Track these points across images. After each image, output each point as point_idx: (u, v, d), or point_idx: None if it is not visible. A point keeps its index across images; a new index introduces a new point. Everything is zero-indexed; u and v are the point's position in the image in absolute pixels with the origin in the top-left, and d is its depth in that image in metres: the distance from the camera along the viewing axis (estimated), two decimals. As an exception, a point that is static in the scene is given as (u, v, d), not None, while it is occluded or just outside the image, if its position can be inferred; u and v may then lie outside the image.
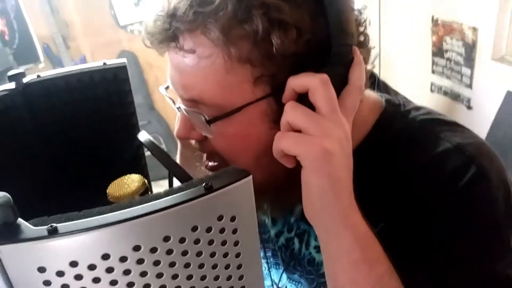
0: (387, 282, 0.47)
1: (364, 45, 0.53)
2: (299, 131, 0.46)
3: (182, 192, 0.31)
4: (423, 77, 2.73)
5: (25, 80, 0.63)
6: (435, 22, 2.51)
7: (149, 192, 0.51)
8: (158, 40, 0.49)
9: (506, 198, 0.51)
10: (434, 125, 0.56)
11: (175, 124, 0.75)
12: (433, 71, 2.64)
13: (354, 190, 0.48)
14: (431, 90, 2.70)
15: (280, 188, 0.55)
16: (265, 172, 0.52)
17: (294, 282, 0.68)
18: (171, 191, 0.32)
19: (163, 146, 2.91)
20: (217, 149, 0.54)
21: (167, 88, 0.59)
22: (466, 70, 2.40)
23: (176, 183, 0.56)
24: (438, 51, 2.56)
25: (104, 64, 0.69)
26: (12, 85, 0.62)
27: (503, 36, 2.17)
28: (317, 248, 0.63)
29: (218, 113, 0.49)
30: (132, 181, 0.50)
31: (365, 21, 0.53)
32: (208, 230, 0.32)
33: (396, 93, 0.64)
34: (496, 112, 2.19)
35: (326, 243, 0.48)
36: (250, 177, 0.33)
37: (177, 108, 0.55)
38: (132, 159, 0.72)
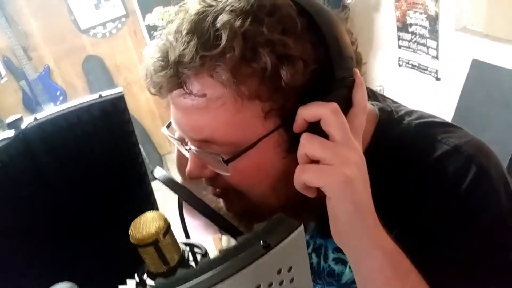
0: None
1: (359, 63, 0.54)
2: (316, 161, 0.46)
3: (242, 254, 0.32)
4: (390, 53, 2.78)
5: (23, 125, 0.61)
6: (397, -3, 2.55)
7: (171, 228, 0.50)
8: (166, 89, 0.49)
9: (506, 189, 0.54)
10: (429, 128, 0.57)
11: (175, 158, 0.74)
12: (399, 46, 2.70)
13: None
14: (399, 65, 2.76)
15: (293, 210, 0.56)
16: (280, 198, 0.54)
17: None
18: (229, 253, 0.32)
19: (142, 150, 2.86)
20: (231, 184, 0.54)
21: (168, 126, 0.58)
22: (431, 43, 2.46)
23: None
24: (403, 26, 2.60)
25: (100, 96, 0.67)
26: (11, 133, 0.60)
27: (464, 5, 2.23)
28: (336, 260, 0.65)
29: (231, 150, 0.49)
30: (153, 219, 0.48)
31: (356, 40, 0.54)
32: (270, 285, 0.33)
33: (384, 98, 0.66)
34: (464, 80, 2.26)
35: (358, 264, 0.50)
36: (302, 226, 0.34)
37: (187, 149, 0.54)
38: (139, 189, 0.72)
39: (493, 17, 2.04)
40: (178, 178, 0.77)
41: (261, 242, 0.32)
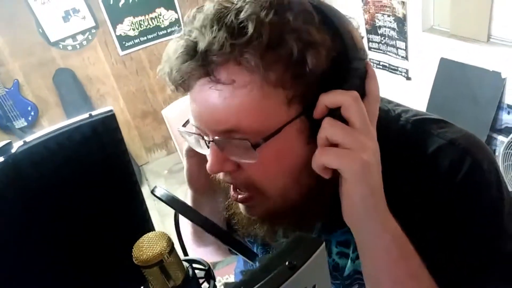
0: (421, 273, 0.52)
1: (366, 57, 0.56)
2: (335, 144, 0.49)
3: (270, 276, 0.32)
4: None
5: (13, 149, 0.60)
6: (365, 0, 2.61)
7: (174, 246, 0.49)
8: (194, 78, 0.50)
9: (497, 179, 0.56)
10: (425, 125, 0.60)
11: (184, 170, 0.73)
12: (369, 48, 2.76)
13: None
14: (371, 66, 2.82)
15: (308, 207, 0.58)
16: (300, 190, 0.55)
17: None
18: (255, 275, 0.32)
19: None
20: (253, 175, 0.54)
21: (184, 125, 0.57)
22: (400, 44, 2.53)
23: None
24: (372, 28, 2.66)
25: (90, 115, 0.65)
26: (1, 159, 0.58)
27: (430, 7, 2.31)
28: (339, 254, 0.67)
29: (256, 138, 0.50)
30: (156, 239, 0.46)
31: (362, 35, 0.56)
32: (297, 305, 0.33)
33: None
34: (434, 79, 2.34)
35: (367, 246, 0.52)
36: (323, 244, 0.35)
37: (208, 142, 0.53)
38: (134, 208, 0.71)
39: (458, 18, 2.12)
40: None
41: (286, 263, 0.32)
